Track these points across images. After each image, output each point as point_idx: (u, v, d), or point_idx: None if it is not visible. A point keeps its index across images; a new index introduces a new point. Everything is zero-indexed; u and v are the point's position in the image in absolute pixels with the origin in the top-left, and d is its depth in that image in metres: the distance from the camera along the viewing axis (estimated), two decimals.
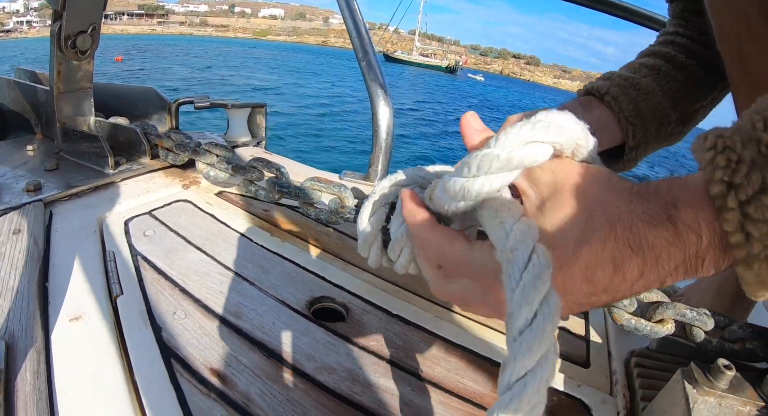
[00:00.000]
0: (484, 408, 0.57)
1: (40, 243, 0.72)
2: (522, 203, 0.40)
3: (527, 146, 0.37)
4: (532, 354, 0.30)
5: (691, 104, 0.73)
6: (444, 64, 69.75)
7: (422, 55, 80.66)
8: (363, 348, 0.62)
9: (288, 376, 0.56)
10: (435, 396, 0.58)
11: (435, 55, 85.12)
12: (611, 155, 0.70)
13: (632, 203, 0.36)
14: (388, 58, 72.14)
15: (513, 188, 0.41)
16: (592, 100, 0.66)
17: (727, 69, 0.63)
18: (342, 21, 1.18)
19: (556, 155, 0.39)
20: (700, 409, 0.51)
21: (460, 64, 73.07)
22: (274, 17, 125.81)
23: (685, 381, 0.53)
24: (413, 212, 0.44)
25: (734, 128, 0.33)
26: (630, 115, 0.65)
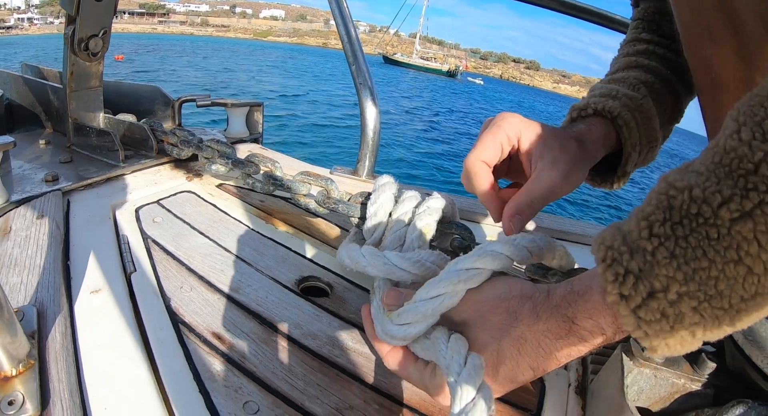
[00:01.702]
0: None
1: (61, 227, 0.81)
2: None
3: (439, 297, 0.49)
4: None
5: (672, 123, 0.73)
6: (444, 68, 69.44)
7: (422, 58, 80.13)
8: (343, 319, 0.71)
9: (278, 340, 0.65)
10: None
11: (435, 58, 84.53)
12: (599, 172, 0.71)
13: (534, 324, 0.42)
14: (388, 61, 71.35)
15: None
16: (599, 120, 0.64)
17: (693, 75, 0.62)
18: None
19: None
20: (637, 379, 0.55)
21: (460, 68, 72.78)
22: (275, 18, 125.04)
23: (623, 354, 0.57)
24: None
25: (625, 231, 0.35)
26: (634, 143, 0.64)
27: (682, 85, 0.72)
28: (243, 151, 1.26)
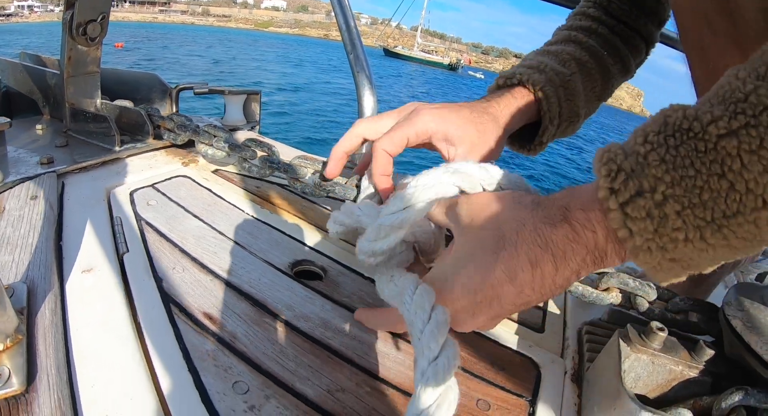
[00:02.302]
0: None
1: (55, 208, 0.80)
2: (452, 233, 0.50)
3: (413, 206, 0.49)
4: (436, 389, 0.40)
5: (600, 100, 0.77)
6: (446, 61, 69.39)
7: (424, 51, 79.98)
8: (336, 302, 0.71)
9: (269, 321, 0.65)
10: (397, 343, 0.66)
11: (436, 52, 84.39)
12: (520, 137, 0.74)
13: (534, 211, 0.43)
14: (388, 53, 71.30)
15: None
16: (523, 91, 0.67)
17: (690, 67, 0.66)
18: None
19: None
20: (634, 365, 0.55)
21: (462, 62, 72.71)
22: (276, 9, 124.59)
23: (621, 340, 0.57)
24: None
25: (625, 142, 0.38)
26: (552, 116, 0.67)
27: (617, 67, 0.76)
28: (239, 138, 1.25)
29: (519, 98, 0.66)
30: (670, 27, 0.82)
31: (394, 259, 0.56)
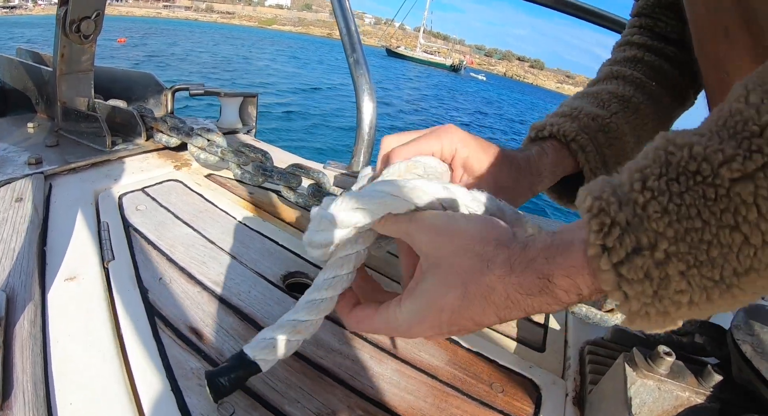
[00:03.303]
0: (437, 379, 0.62)
1: (40, 211, 0.77)
2: None
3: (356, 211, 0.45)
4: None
5: (651, 139, 0.69)
6: (448, 62, 69.49)
7: (426, 52, 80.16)
8: (330, 319, 0.68)
9: None
10: (391, 364, 0.63)
11: (439, 53, 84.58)
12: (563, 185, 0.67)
13: (507, 277, 0.37)
14: (391, 54, 71.46)
15: None
16: (555, 144, 0.61)
17: (703, 74, 0.61)
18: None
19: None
20: (640, 391, 0.53)
21: (464, 63, 72.82)
22: (280, 7, 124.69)
23: (626, 364, 0.55)
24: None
25: (615, 184, 0.33)
26: (593, 167, 0.61)
27: (670, 96, 0.69)
28: (234, 142, 1.22)
29: (552, 152, 0.60)
30: None
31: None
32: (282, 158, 1.14)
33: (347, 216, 0.45)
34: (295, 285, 0.76)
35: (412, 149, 0.53)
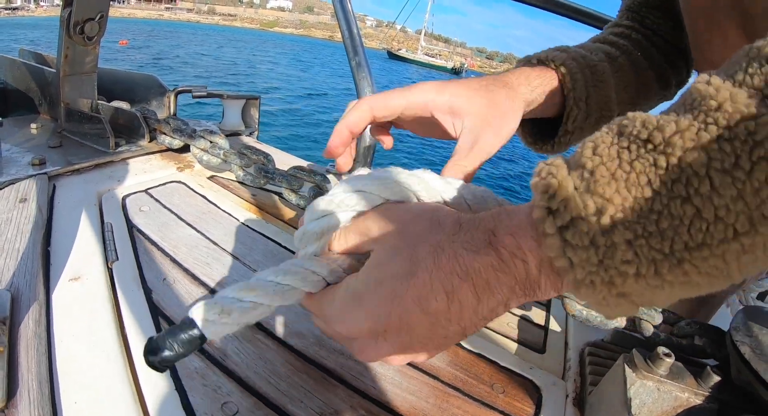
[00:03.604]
0: (439, 380, 0.63)
1: (44, 212, 0.78)
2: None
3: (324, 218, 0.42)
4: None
5: (631, 106, 0.67)
6: (449, 65, 69.58)
7: (427, 54, 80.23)
8: None
9: (262, 338, 0.62)
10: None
11: (440, 55, 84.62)
12: (542, 131, 0.66)
13: (455, 234, 0.36)
14: (392, 56, 71.57)
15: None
16: (543, 68, 0.59)
17: (698, 69, 0.61)
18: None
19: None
20: (639, 392, 0.54)
21: (465, 66, 72.86)
22: (282, 9, 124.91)
23: (626, 365, 0.55)
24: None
25: (572, 155, 0.33)
26: (578, 96, 0.59)
27: (653, 74, 0.68)
28: (237, 144, 1.23)
29: (539, 73, 0.57)
30: None
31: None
32: (284, 161, 1.15)
33: (348, 197, 0.42)
34: None
35: (387, 101, 0.51)
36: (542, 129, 0.66)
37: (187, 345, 0.38)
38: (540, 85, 0.57)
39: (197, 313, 0.39)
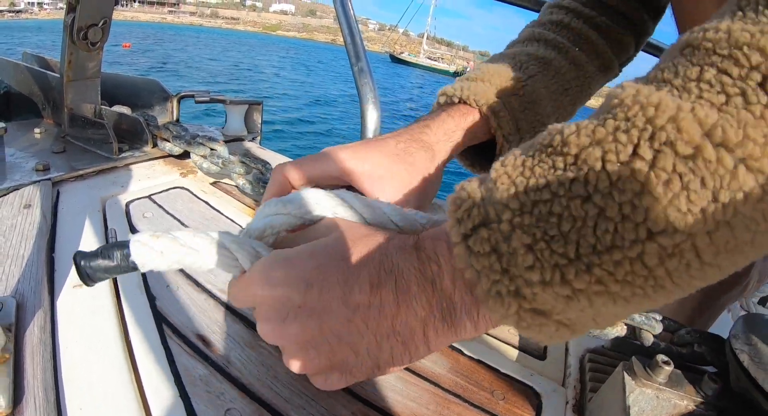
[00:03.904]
0: (439, 386, 0.63)
1: (49, 218, 0.79)
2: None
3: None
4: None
5: (575, 104, 0.67)
6: (452, 69, 69.69)
7: (430, 58, 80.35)
8: None
9: (264, 345, 0.63)
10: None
11: (442, 59, 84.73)
12: (478, 154, 0.66)
13: (390, 239, 0.38)
14: (394, 60, 71.78)
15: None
16: (465, 108, 0.58)
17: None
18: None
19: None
20: (638, 399, 0.54)
21: (468, 70, 72.97)
22: (284, 13, 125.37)
23: (625, 373, 0.55)
24: None
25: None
26: (507, 131, 0.59)
27: (595, 65, 0.66)
28: (239, 149, 1.24)
29: (459, 118, 0.57)
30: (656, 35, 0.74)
31: None
32: None
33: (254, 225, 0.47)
34: None
35: (302, 167, 0.53)
36: (477, 152, 0.66)
37: (117, 259, 0.42)
38: (463, 131, 0.57)
39: (137, 237, 0.44)
